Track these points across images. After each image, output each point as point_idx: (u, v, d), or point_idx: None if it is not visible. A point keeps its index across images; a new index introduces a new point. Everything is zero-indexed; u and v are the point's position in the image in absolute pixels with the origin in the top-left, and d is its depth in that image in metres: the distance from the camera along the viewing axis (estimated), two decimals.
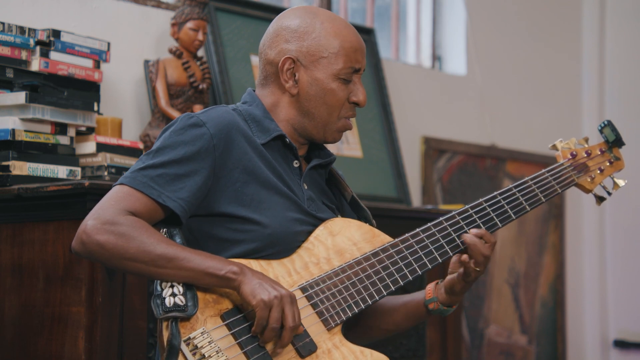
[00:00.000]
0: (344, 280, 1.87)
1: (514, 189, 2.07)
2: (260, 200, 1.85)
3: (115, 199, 1.78)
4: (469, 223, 2.00)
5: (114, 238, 1.73)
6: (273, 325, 1.71)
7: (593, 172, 2.18)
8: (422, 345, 3.22)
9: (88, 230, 1.75)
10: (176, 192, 1.79)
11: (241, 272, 1.74)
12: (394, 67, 4.04)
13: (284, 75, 1.93)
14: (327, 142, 1.99)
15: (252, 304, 1.72)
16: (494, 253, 2.06)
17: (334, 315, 1.84)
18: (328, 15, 1.96)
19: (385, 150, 3.71)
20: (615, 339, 4.86)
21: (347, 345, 1.84)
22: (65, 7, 2.96)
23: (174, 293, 1.73)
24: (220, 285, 1.75)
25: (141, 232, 1.74)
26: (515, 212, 2.05)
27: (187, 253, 1.75)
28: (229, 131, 1.86)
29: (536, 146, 4.62)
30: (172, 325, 1.69)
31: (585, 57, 4.94)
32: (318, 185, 2.02)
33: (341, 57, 1.92)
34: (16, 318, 2.43)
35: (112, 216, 1.75)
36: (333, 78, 1.92)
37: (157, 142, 1.85)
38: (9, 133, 2.48)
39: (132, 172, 1.81)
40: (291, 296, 1.74)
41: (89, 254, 1.76)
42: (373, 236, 1.96)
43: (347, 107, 1.96)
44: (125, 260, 1.74)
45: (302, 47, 1.92)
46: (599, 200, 2.20)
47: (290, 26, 1.94)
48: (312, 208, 1.93)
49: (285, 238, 1.86)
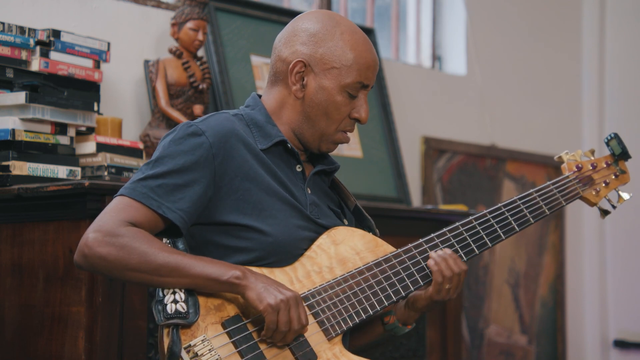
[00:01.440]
0: (345, 290, 1.87)
1: (518, 201, 2.06)
2: (262, 207, 1.85)
3: (115, 211, 1.78)
4: (473, 235, 2.00)
5: (115, 250, 1.73)
6: (283, 329, 1.72)
7: (598, 185, 2.18)
8: (422, 345, 3.22)
9: (90, 243, 1.74)
10: (176, 203, 1.79)
11: (244, 277, 1.74)
12: (394, 67, 4.04)
13: (293, 77, 1.92)
14: (320, 151, 1.97)
15: (259, 309, 1.72)
16: (466, 277, 2.04)
17: (335, 325, 1.84)
18: (349, 27, 1.94)
19: (385, 150, 3.71)
20: (615, 339, 4.86)
21: (347, 355, 1.84)
22: (65, 7, 2.96)
23: (175, 300, 1.73)
24: (224, 290, 1.75)
25: (142, 243, 1.74)
26: (519, 224, 2.05)
27: (189, 260, 1.75)
28: (228, 139, 1.85)
29: (536, 146, 4.62)
30: (173, 332, 1.69)
31: (585, 57, 4.94)
32: (322, 189, 2.02)
33: (353, 71, 1.91)
34: (16, 318, 2.43)
35: (113, 228, 1.75)
36: (340, 90, 1.91)
37: (156, 152, 1.85)
38: (9, 133, 2.48)
39: (132, 183, 1.81)
40: (296, 297, 1.74)
41: (91, 266, 1.76)
42: (376, 246, 1.96)
43: (347, 122, 1.95)
44: (128, 271, 1.74)
45: (316, 53, 1.91)
46: (603, 214, 2.20)
47: (309, 29, 1.93)
48: (314, 214, 1.92)
49: (287, 246, 1.86)
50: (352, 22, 1.97)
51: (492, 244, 2.01)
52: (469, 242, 1.99)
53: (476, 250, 1.99)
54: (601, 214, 2.20)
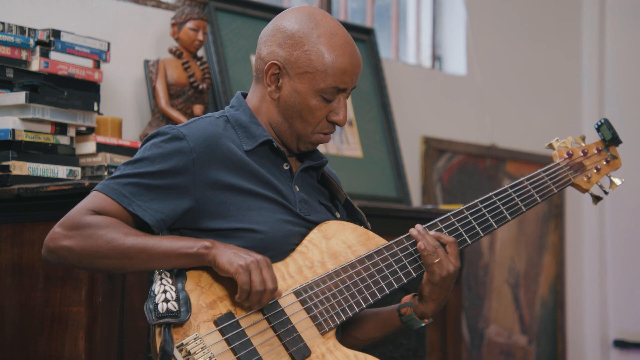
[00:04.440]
0: (338, 284, 1.87)
1: (509, 190, 2.06)
2: (248, 207, 1.84)
3: (84, 204, 1.79)
4: (465, 225, 1.99)
5: (81, 240, 1.74)
6: (258, 289, 1.71)
7: (589, 171, 2.17)
8: (422, 345, 3.22)
9: (54, 236, 1.76)
10: (147, 203, 1.79)
11: (213, 246, 1.74)
12: (394, 67, 4.04)
13: (267, 79, 1.90)
14: (300, 150, 1.96)
15: (230, 271, 1.72)
16: (463, 257, 2.02)
17: (328, 319, 1.83)
18: (328, 28, 1.89)
19: (385, 150, 3.71)
20: (615, 339, 4.86)
21: (341, 350, 1.83)
22: (65, 7, 2.96)
23: (166, 298, 1.72)
24: (195, 263, 1.75)
25: (108, 230, 1.74)
26: (510, 212, 2.04)
27: (156, 239, 1.75)
28: (209, 144, 1.84)
29: (536, 146, 4.62)
30: (165, 332, 1.69)
31: (585, 57, 4.94)
32: (311, 185, 2.01)
33: (327, 76, 1.87)
34: (16, 318, 2.43)
35: (78, 219, 1.76)
36: (314, 94, 1.88)
37: (137, 153, 1.84)
38: (9, 133, 2.48)
39: (107, 180, 1.81)
40: (267, 260, 1.75)
41: (59, 259, 1.77)
42: (367, 239, 1.95)
43: (324, 124, 1.92)
44: (98, 259, 1.75)
45: (291, 56, 1.88)
46: (595, 200, 2.20)
47: (287, 30, 1.90)
48: (303, 211, 1.92)
49: (278, 241, 1.85)
50: (334, 23, 1.92)
51: (484, 234, 2.00)
52: (461, 232, 1.98)
53: (468, 240, 1.98)
54: (593, 200, 2.19)
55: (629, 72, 4.91)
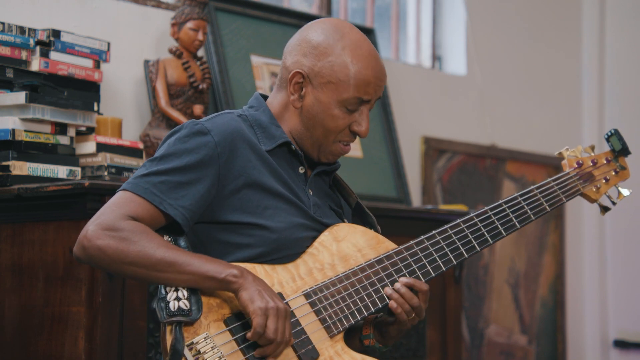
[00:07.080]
0: (347, 287, 1.87)
1: (519, 198, 2.06)
2: (265, 206, 1.85)
3: (116, 205, 1.78)
4: (474, 231, 2.00)
5: (114, 243, 1.73)
6: (271, 336, 1.71)
7: (599, 181, 2.17)
8: (422, 345, 3.22)
9: (89, 236, 1.75)
10: (178, 200, 1.79)
11: (241, 276, 1.74)
12: (394, 67, 4.04)
13: (291, 87, 1.92)
14: (320, 161, 1.97)
15: (249, 309, 1.71)
16: (431, 297, 1.97)
17: (337, 322, 1.84)
18: (354, 41, 1.92)
19: (385, 150, 3.71)
20: (615, 339, 4.86)
21: (349, 353, 1.84)
22: (65, 7, 2.96)
23: (178, 297, 1.72)
24: (220, 288, 1.75)
25: (141, 237, 1.74)
26: (520, 220, 2.04)
27: (187, 257, 1.74)
28: (233, 139, 1.85)
29: (536, 146, 4.62)
30: (176, 330, 1.69)
31: (585, 57, 4.94)
32: (323, 190, 2.02)
33: (350, 87, 1.89)
34: (16, 318, 2.43)
35: (113, 221, 1.75)
36: (337, 104, 1.90)
37: (161, 149, 1.85)
38: (9, 133, 2.48)
39: (135, 179, 1.81)
40: (287, 310, 1.74)
41: (89, 258, 1.76)
42: (378, 243, 1.96)
43: (346, 133, 1.94)
44: (126, 265, 1.74)
45: (315, 66, 1.90)
46: (603, 210, 2.19)
47: (312, 40, 1.91)
48: (317, 214, 1.93)
49: (290, 243, 1.86)
50: (360, 36, 1.94)
51: (493, 241, 2.01)
52: (470, 239, 1.99)
53: (477, 247, 1.99)
54: (601, 211, 2.20)
55: (629, 72, 4.91)
